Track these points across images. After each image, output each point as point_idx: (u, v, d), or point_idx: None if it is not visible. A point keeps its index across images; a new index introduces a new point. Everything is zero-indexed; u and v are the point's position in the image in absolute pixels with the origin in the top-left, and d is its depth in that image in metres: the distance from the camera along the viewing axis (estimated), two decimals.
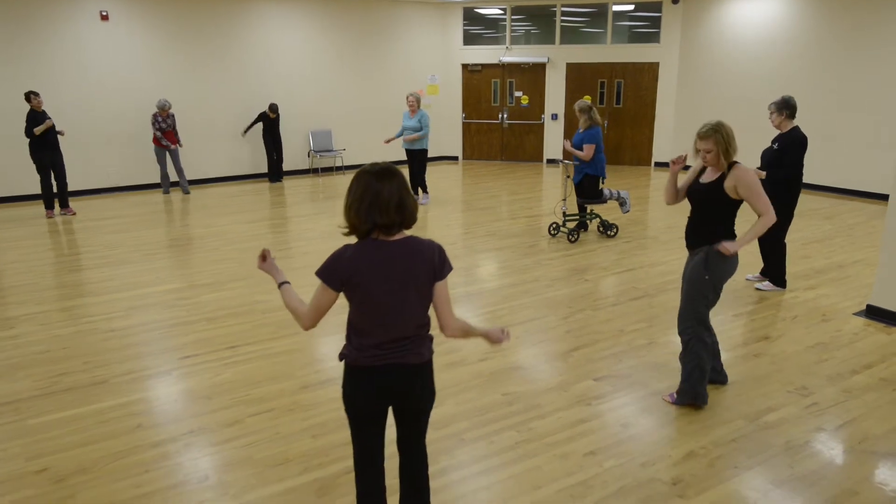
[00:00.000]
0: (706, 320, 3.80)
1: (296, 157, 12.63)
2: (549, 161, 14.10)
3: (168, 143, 10.56)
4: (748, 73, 11.49)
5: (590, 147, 7.36)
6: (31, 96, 8.86)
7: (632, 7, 13.01)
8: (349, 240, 2.33)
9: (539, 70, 13.78)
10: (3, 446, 3.52)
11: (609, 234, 7.92)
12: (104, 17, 10.37)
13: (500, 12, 13.77)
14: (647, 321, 5.22)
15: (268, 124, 11.69)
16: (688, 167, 3.97)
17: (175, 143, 10.67)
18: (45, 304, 5.73)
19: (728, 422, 3.71)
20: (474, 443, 3.51)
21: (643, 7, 12.92)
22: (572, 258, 7.03)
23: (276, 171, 12.04)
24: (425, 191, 10.02)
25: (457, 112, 14.49)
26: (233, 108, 11.78)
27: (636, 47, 13.14)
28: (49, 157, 9.06)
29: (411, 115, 9.58)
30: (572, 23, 13.52)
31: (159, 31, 10.88)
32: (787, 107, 5.62)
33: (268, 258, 2.53)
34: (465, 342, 4.75)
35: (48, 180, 9.15)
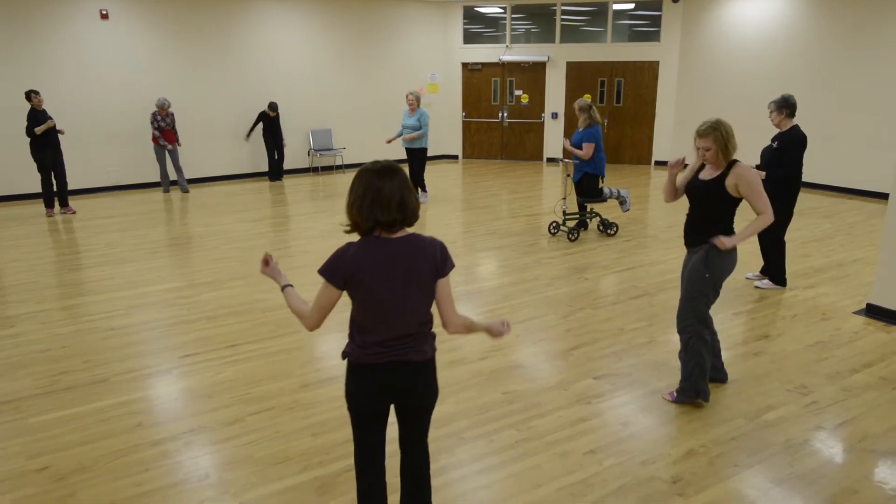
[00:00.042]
0: (706, 318, 3.81)
1: (296, 155, 12.63)
2: (550, 160, 14.10)
3: (165, 143, 10.55)
4: (748, 71, 11.49)
5: (589, 146, 7.36)
6: (31, 95, 8.86)
7: (632, 6, 13.00)
8: (350, 238, 2.33)
9: (539, 69, 13.78)
10: (3, 445, 3.53)
11: (609, 232, 7.92)
12: (104, 16, 10.36)
13: (501, 11, 13.77)
14: (647, 320, 5.22)
15: (268, 123, 11.69)
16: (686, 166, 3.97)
17: (174, 142, 10.66)
18: (45, 303, 5.73)
19: (728, 420, 3.71)
20: (474, 441, 3.52)
21: (643, 6, 12.91)
22: (572, 257, 7.03)
23: (276, 170, 12.05)
24: (424, 189, 10.02)
25: (457, 111, 14.49)
26: (233, 107, 11.78)
27: (636, 46, 13.14)
28: (50, 156, 9.07)
29: (411, 114, 9.58)
30: (572, 21, 13.51)
31: (159, 30, 10.88)
32: (786, 106, 5.62)
33: (270, 262, 2.53)
34: (465, 341, 4.76)
35: (49, 179, 9.16)
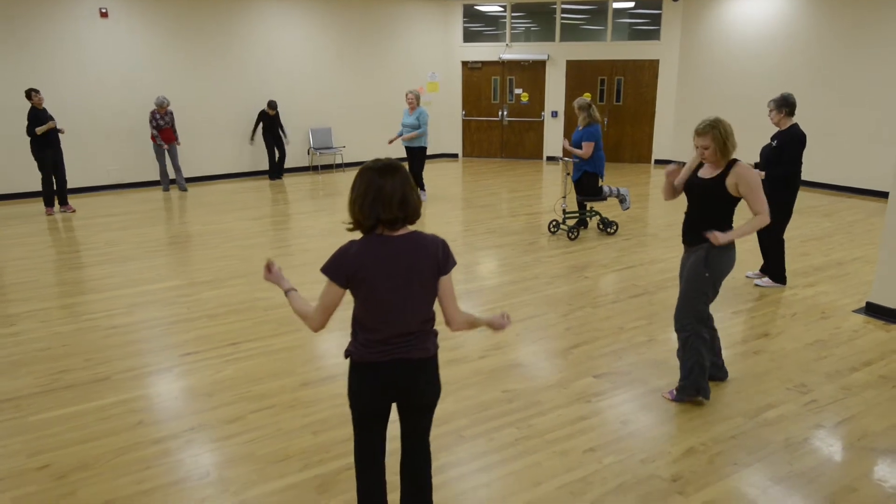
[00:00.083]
0: (705, 317, 3.81)
1: (296, 154, 12.63)
2: (549, 158, 14.10)
3: (162, 143, 10.54)
4: (748, 70, 11.49)
5: (589, 144, 7.36)
6: (31, 93, 8.85)
7: (632, 4, 12.99)
8: (350, 236, 2.33)
9: (539, 67, 13.78)
10: (4, 443, 3.53)
11: (609, 231, 7.93)
12: (104, 14, 10.36)
13: (501, 9, 13.76)
14: (647, 318, 5.23)
15: (267, 122, 11.69)
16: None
17: (172, 141, 10.65)
18: (46, 301, 5.74)
19: (727, 419, 3.72)
20: (474, 440, 3.52)
21: (643, 4, 12.90)
22: (572, 255, 7.03)
23: (277, 169, 12.05)
24: (423, 188, 10.02)
25: (457, 109, 14.49)
26: (233, 106, 11.77)
27: (636, 44, 13.13)
28: (50, 155, 9.07)
29: (410, 113, 9.56)
30: (572, 20, 13.51)
31: (159, 28, 10.87)
32: (786, 104, 5.63)
33: (273, 268, 2.52)
34: (465, 339, 4.77)
35: (50, 178, 9.16)
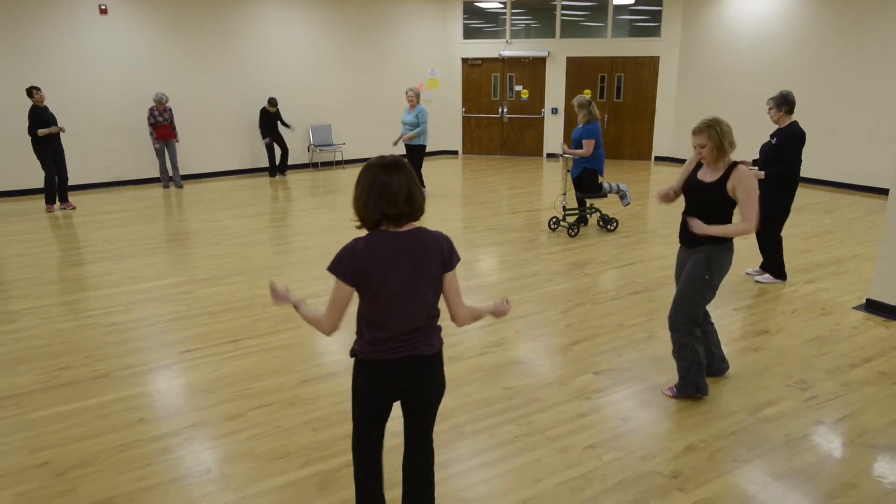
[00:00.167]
0: (698, 318, 3.83)
1: (295, 151, 12.61)
2: (549, 155, 14.09)
3: (156, 140, 10.53)
4: (749, 67, 11.47)
5: (589, 142, 7.35)
6: (33, 91, 8.83)
7: (632, 1, 12.97)
8: (352, 233, 2.33)
9: (539, 64, 13.76)
10: (4, 440, 3.54)
11: (609, 228, 7.92)
12: (103, 11, 10.34)
13: (501, 6, 13.74)
14: (647, 315, 5.23)
15: (268, 119, 11.67)
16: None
17: (171, 138, 10.64)
18: (45, 299, 5.74)
19: (727, 415, 3.72)
20: (474, 436, 3.53)
21: (644, 1, 12.88)
22: (572, 252, 7.03)
23: (280, 165, 12.05)
24: (422, 185, 10.02)
25: (457, 106, 14.47)
26: (232, 103, 11.76)
27: (637, 41, 13.11)
28: (52, 153, 9.06)
29: (410, 111, 9.54)
30: (573, 17, 13.49)
31: (158, 25, 10.85)
32: (785, 102, 5.62)
33: (278, 291, 2.45)
34: (465, 336, 4.77)
35: (53, 176, 9.15)
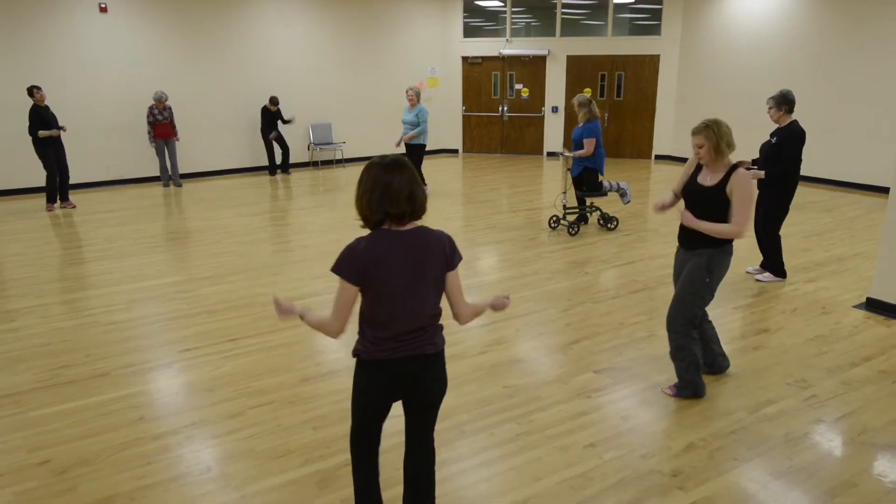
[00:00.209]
0: (696, 319, 3.83)
1: (296, 150, 12.60)
2: (550, 154, 14.08)
3: (153, 139, 10.53)
4: (749, 65, 11.46)
5: (590, 141, 7.35)
6: (33, 91, 8.82)
7: None
8: (349, 231, 2.33)
9: (539, 63, 13.75)
10: (4, 438, 3.54)
11: (609, 226, 7.92)
12: (103, 10, 10.33)
13: (501, 4, 13.72)
14: (648, 314, 5.23)
15: (269, 118, 11.67)
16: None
17: (171, 136, 10.64)
18: (45, 297, 5.73)
19: (728, 414, 3.72)
20: (475, 435, 3.53)
21: None
22: (572, 251, 7.03)
23: (282, 164, 12.06)
24: (423, 183, 10.01)
25: (457, 105, 14.46)
26: (232, 101, 11.76)
27: (637, 40, 13.10)
28: (53, 152, 9.06)
29: (410, 110, 9.52)
30: (573, 15, 13.47)
31: (158, 24, 10.85)
32: (785, 102, 5.62)
33: (283, 306, 2.42)
34: (465, 335, 4.77)
35: (55, 175, 9.15)
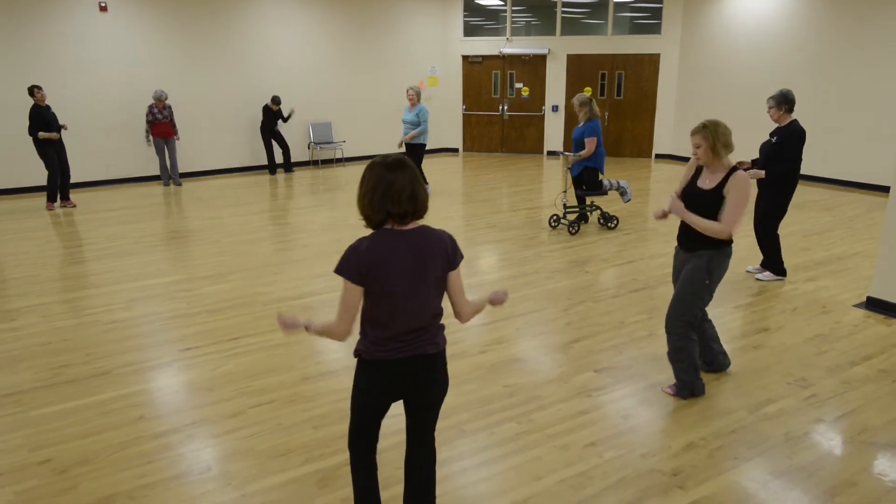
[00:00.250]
0: (696, 320, 3.83)
1: (296, 149, 12.60)
2: (550, 153, 14.07)
3: (150, 138, 10.52)
4: (749, 64, 11.45)
5: (591, 140, 7.35)
6: (34, 90, 8.81)
7: None
8: (349, 230, 2.33)
9: (540, 61, 13.74)
10: (5, 437, 3.54)
11: (609, 225, 7.92)
12: (103, 9, 10.33)
13: (501, 3, 13.72)
14: (648, 313, 5.23)
15: (270, 117, 11.67)
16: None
17: (172, 136, 10.65)
18: (46, 296, 5.74)
19: (728, 413, 3.72)
20: (475, 434, 3.53)
21: None
22: (573, 250, 7.03)
23: (284, 163, 12.07)
24: (425, 182, 10.00)
25: (457, 104, 14.46)
26: (232, 100, 11.75)
27: (637, 38, 13.10)
28: (54, 152, 9.05)
29: (411, 109, 9.50)
30: (573, 14, 13.47)
31: (158, 23, 10.84)
32: (785, 101, 5.62)
33: (287, 321, 2.40)
34: (465, 334, 4.78)
35: (57, 174, 9.14)
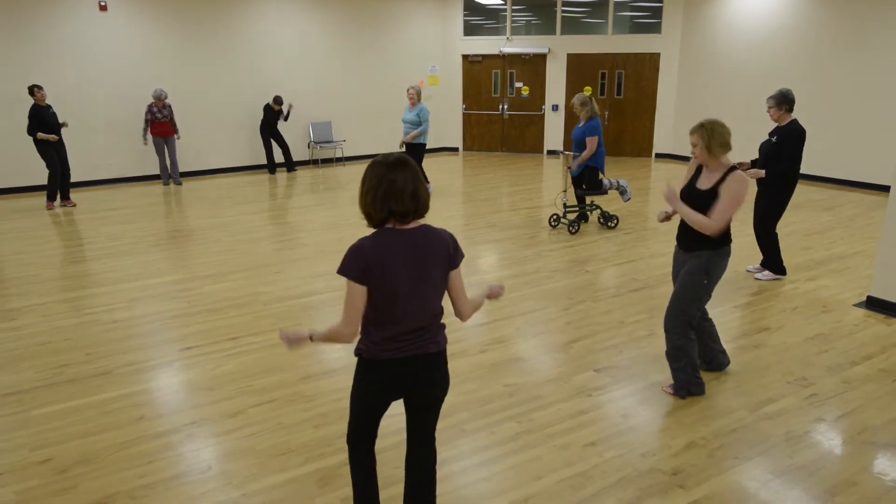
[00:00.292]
0: (694, 320, 3.83)
1: (296, 148, 12.60)
2: (550, 152, 14.07)
3: (147, 137, 10.54)
4: (749, 64, 11.45)
5: (592, 140, 7.35)
6: (34, 90, 8.80)
7: None
8: (350, 229, 2.33)
9: (540, 61, 13.74)
10: (6, 437, 3.54)
11: (609, 225, 7.92)
12: (103, 8, 10.33)
13: (501, 2, 13.71)
14: (648, 312, 5.23)
15: (270, 116, 11.66)
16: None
17: (172, 134, 10.65)
18: (46, 296, 5.74)
19: (728, 412, 3.73)
20: (475, 433, 3.53)
21: None
22: (573, 249, 7.03)
23: (285, 162, 12.07)
24: (426, 181, 9.99)
25: (457, 103, 14.45)
26: (232, 100, 11.75)
27: (637, 38, 13.09)
28: (54, 151, 9.06)
29: (411, 109, 9.49)
30: (573, 13, 13.46)
31: (158, 22, 10.84)
32: (785, 101, 5.62)
33: (290, 335, 2.40)
34: (465, 333, 4.78)
35: (58, 174, 9.14)
